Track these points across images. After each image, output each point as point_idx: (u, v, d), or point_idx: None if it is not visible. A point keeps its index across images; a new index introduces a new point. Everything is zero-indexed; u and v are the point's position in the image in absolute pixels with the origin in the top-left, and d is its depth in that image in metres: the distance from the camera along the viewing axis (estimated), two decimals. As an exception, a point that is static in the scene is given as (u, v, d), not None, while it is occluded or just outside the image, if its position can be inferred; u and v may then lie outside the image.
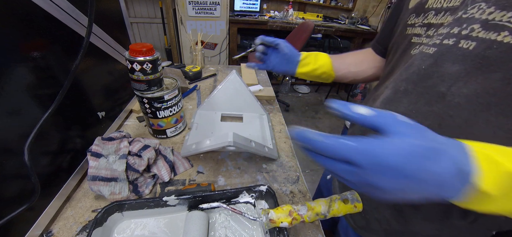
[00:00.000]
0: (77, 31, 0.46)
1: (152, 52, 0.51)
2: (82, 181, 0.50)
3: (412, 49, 0.38)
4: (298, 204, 0.38)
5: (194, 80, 1.03)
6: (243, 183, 0.54)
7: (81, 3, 0.46)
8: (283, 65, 0.59)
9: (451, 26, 0.31)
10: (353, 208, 0.37)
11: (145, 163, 0.48)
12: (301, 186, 0.55)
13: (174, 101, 0.59)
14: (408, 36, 0.40)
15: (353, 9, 3.19)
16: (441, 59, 0.32)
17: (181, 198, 0.43)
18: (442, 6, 0.35)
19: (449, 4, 0.34)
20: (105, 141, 0.49)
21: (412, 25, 0.40)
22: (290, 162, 0.62)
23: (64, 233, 0.41)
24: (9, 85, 0.33)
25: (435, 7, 0.36)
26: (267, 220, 0.37)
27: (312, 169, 1.87)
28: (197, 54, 1.10)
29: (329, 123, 2.51)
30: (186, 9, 2.18)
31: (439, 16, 0.35)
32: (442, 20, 0.34)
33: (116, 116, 0.65)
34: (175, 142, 0.64)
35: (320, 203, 0.38)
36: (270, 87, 1.00)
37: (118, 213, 0.42)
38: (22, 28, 0.36)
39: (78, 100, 0.50)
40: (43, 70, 0.40)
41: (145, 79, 0.52)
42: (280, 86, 3.04)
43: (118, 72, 0.66)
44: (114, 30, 0.62)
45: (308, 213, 0.37)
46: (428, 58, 0.33)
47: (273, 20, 2.57)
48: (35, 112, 0.38)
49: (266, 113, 0.76)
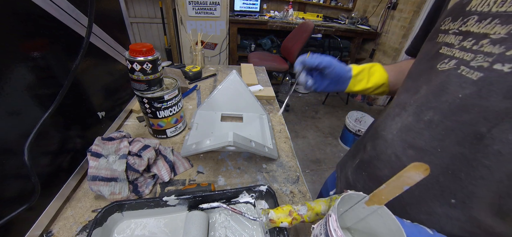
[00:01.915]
0: (77, 31, 0.46)
1: (152, 52, 0.51)
2: (82, 181, 0.50)
3: (440, 63, 0.31)
4: (298, 204, 0.38)
5: (194, 80, 1.03)
6: (243, 183, 0.54)
7: (81, 3, 0.46)
8: (332, 86, 0.50)
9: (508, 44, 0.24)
10: None
11: (145, 163, 0.48)
12: (301, 186, 0.55)
13: (174, 101, 0.59)
14: (438, 45, 0.32)
15: (353, 9, 3.19)
16: (488, 90, 0.25)
17: (181, 198, 0.43)
18: (490, 9, 0.26)
19: (500, 9, 0.25)
20: (105, 141, 0.49)
21: (445, 32, 0.32)
22: (290, 162, 0.62)
23: (64, 233, 0.41)
24: (9, 85, 0.33)
25: (480, 11, 0.27)
26: (267, 220, 0.37)
27: (312, 169, 1.87)
28: (197, 54, 1.10)
29: (329, 123, 2.51)
30: (186, 9, 2.18)
31: (484, 24, 0.27)
32: (487, 30, 0.26)
33: (116, 116, 0.65)
34: (175, 142, 0.64)
35: (320, 203, 0.38)
36: (270, 87, 1.00)
37: (118, 213, 0.42)
38: (22, 28, 0.35)
39: (78, 100, 0.50)
40: (43, 70, 0.39)
41: (145, 79, 0.52)
42: (280, 86, 3.04)
43: (118, 72, 0.66)
44: (114, 30, 0.62)
45: (308, 213, 0.37)
46: (469, 85, 0.26)
47: (273, 20, 2.57)
48: (35, 112, 0.38)
49: (266, 113, 0.76)
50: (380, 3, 2.72)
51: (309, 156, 2.01)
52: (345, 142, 2.14)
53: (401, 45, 2.50)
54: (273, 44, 2.80)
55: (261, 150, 0.55)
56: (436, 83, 0.30)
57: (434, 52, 0.33)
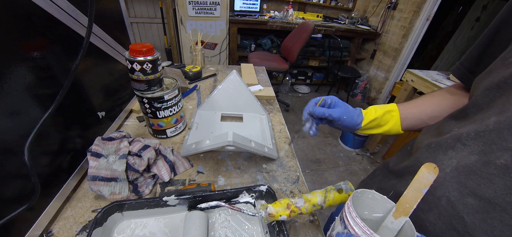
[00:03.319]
0: (77, 31, 0.46)
1: (152, 52, 0.51)
2: (82, 181, 0.50)
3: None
4: (295, 197, 0.39)
5: (194, 80, 1.03)
6: (243, 183, 0.54)
7: (81, 3, 0.46)
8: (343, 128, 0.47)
9: None
10: (348, 197, 0.38)
11: (145, 163, 0.48)
12: (301, 186, 0.55)
13: (174, 101, 0.59)
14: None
15: (353, 9, 3.19)
16: None
17: (181, 198, 0.43)
18: None
19: None
20: (105, 141, 0.49)
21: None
22: (290, 162, 0.62)
23: (64, 233, 0.41)
24: (9, 85, 0.33)
25: None
26: (266, 214, 0.38)
27: (312, 169, 1.87)
28: (197, 54, 1.10)
29: (329, 123, 2.51)
30: (186, 9, 2.17)
31: None
32: None
33: (116, 116, 0.65)
34: (175, 142, 0.64)
35: (316, 195, 0.39)
36: (270, 87, 1.00)
37: (118, 213, 0.42)
38: (22, 28, 0.35)
39: (78, 100, 0.50)
40: (43, 70, 0.39)
41: (145, 79, 0.52)
42: (280, 86, 3.04)
43: (118, 72, 0.66)
44: (114, 30, 0.62)
45: (305, 205, 0.38)
46: None
47: (273, 20, 2.57)
48: (35, 112, 0.38)
49: (266, 113, 0.76)
50: (380, 3, 2.72)
51: (309, 156, 2.01)
52: (345, 142, 2.14)
53: (401, 45, 2.50)
54: (273, 44, 2.80)
55: (260, 150, 0.55)
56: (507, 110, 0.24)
57: (509, 74, 0.26)
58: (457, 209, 0.27)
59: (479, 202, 0.26)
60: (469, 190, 0.26)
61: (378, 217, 0.32)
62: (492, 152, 0.25)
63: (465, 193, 0.27)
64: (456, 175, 0.28)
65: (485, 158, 0.25)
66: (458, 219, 0.27)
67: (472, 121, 0.29)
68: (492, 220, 0.25)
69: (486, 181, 0.25)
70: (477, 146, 0.27)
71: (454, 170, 0.28)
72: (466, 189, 0.27)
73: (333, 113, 0.43)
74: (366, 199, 0.33)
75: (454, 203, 0.27)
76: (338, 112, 0.43)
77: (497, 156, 0.24)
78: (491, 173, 0.25)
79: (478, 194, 0.26)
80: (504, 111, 0.25)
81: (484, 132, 0.26)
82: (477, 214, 0.26)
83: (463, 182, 0.27)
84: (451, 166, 0.29)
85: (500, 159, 0.24)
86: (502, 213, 0.24)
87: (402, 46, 2.52)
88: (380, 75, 2.83)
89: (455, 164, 0.28)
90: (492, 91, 0.28)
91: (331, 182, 1.75)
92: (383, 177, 0.46)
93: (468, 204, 0.26)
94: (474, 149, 0.27)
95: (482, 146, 0.26)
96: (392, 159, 0.46)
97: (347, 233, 0.27)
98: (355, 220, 0.27)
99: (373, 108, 0.46)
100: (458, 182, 0.27)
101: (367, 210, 0.33)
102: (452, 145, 0.30)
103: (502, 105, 0.26)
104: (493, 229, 0.24)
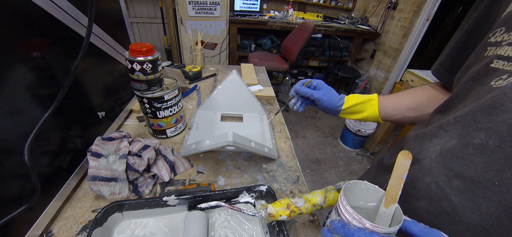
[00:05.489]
0: (77, 31, 0.46)
1: (152, 52, 0.51)
2: (82, 181, 0.50)
3: (493, 79, 0.27)
4: (295, 197, 0.39)
5: (194, 80, 1.03)
6: (243, 183, 0.54)
7: (81, 3, 0.46)
8: (324, 109, 0.52)
9: None
10: None
11: (145, 163, 0.48)
12: (301, 186, 0.55)
13: (174, 101, 0.59)
14: (487, 59, 0.29)
15: (353, 9, 3.19)
16: None
17: (181, 198, 0.43)
18: None
19: None
20: (105, 141, 0.49)
21: (497, 44, 0.28)
22: (290, 162, 0.62)
23: (64, 233, 0.41)
24: (9, 85, 0.33)
25: None
26: (266, 214, 0.38)
27: (312, 169, 1.87)
28: (197, 54, 1.10)
29: (329, 123, 2.51)
30: (186, 9, 2.17)
31: None
32: None
33: (116, 116, 0.65)
34: (175, 142, 0.64)
35: (316, 195, 0.39)
36: (270, 87, 1.00)
37: (118, 213, 0.42)
38: (22, 28, 0.35)
39: (78, 100, 0.50)
40: (43, 70, 0.39)
41: (145, 79, 0.52)
42: (280, 86, 3.04)
43: (118, 72, 0.66)
44: (114, 30, 0.62)
45: (305, 205, 0.38)
46: None
47: (273, 20, 2.56)
48: (35, 112, 0.38)
49: (266, 113, 0.76)
50: (380, 3, 2.72)
51: (309, 156, 2.01)
52: (345, 142, 2.14)
53: (401, 45, 2.50)
54: (273, 44, 2.80)
55: (260, 150, 0.55)
56: (487, 100, 0.26)
57: (481, 68, 0.29)
58: (445, 192, 0.29)
59: (463, 182, 0.27)
60: (454, 172, 0.28)
61: (373, 206, 0.34)
62: (469, 134, 0.27)
63: (450, 176, 0.28)
64: (441, 160, 0.29)
65: (464, 140, 0.27)
66: (447, 202, 0.28)
67: (454, 111, 0.32)
68: (477, 198, 0.26)
69: (467, 161, 0.27)
70: (456, 130, 0.29)
71: (439, 155, 0.30)
72: (451, 171, 0.28)
73: (315, 94, 0.49)
74: (359, 189, 0.34)
75: (442, 187, 0.29)
76: (320, 93, 0.49)
77: (474, 136, 0.26)
78: (470, 153, 0.26)
79: (462, 175, 0.27)
80: (479, 98, 0.28)
81: (460, 117, 0.29)
82: (464, 194, 0.27)
83: (447, 166, 0.29)
84: (436, 152, 0.31)
85: (476, 139, 0.26)
86: (485, 190, 0.25)
87: (402, 46, 2.52)
88: (380, 75, 2.83)
89: (439, 150, 0.30)
90: (469, 83, 0.31)
91: (331, 182, 1.75)
92: (377, 172, 0.49)
93: (455, 186, 0.28)
94: (454, 133, 0.29)
95: (460, 129, 0.28)
96: (386, 155, 0.49)
97: (339, 220, 0.29)
98: (345, 207, 0.29)
99: (356, 96, 0.51)
100: (443, 166, 0.29)
101: (362, 200, 0.35)
102: (436, 133, 0.32)
103: (477, 93, 0.29)
104: (479, 207, 0.26)
